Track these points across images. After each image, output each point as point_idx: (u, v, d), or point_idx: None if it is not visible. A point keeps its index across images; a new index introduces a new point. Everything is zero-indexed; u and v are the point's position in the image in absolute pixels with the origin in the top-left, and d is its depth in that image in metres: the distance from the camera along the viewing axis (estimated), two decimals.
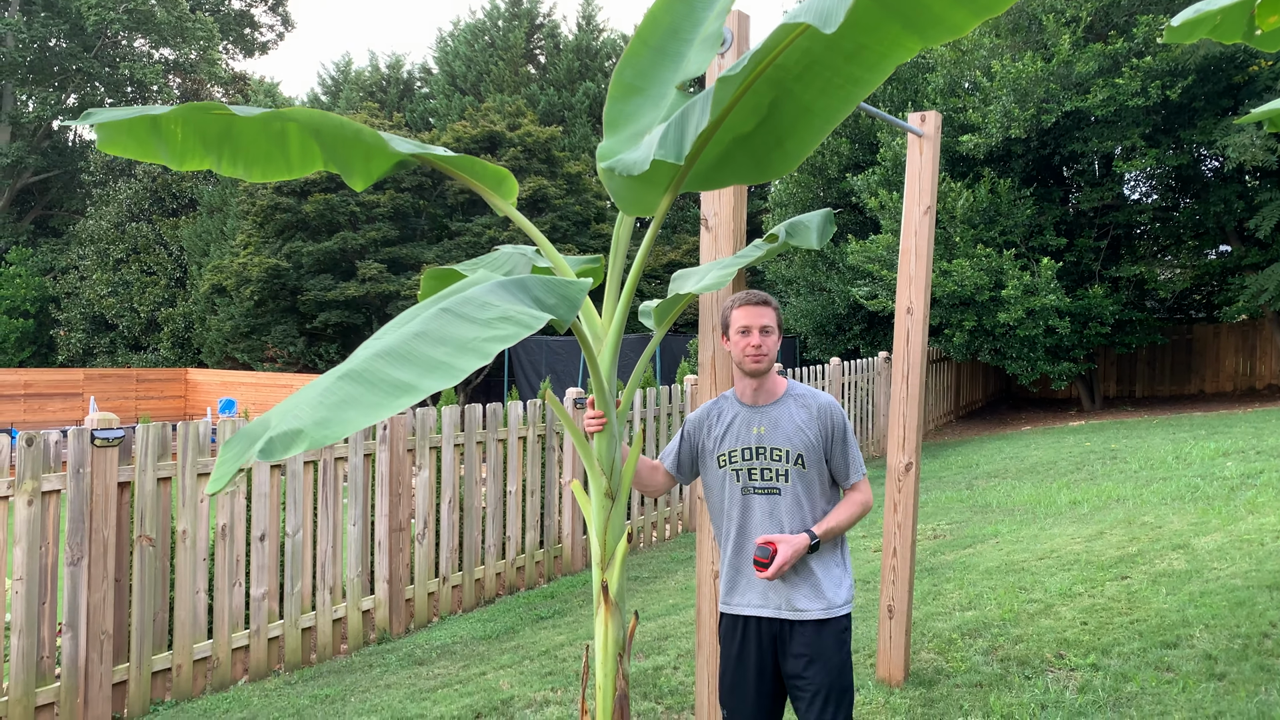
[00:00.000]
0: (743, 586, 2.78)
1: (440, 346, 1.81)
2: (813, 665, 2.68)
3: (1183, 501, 7.38)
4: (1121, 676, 4.11)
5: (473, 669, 5.04)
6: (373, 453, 5.96)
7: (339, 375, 1.75)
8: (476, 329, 1.87)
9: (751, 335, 2.72)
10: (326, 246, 20.31)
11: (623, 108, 2.69)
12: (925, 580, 5.90)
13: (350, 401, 1.66)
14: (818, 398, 2.79)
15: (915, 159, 4.37)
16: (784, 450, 2.72)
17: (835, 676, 2.68)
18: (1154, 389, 18.16)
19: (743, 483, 2.75)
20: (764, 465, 2.73)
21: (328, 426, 1.60)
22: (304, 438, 1.57)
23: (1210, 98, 13.32)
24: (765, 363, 2.73)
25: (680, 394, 8.89)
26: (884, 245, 13.79)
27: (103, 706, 4.57)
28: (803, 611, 2.70)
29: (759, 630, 2.75)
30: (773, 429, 2.74)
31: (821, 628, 2.70)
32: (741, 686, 2.77)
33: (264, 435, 1.59)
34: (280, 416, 1.65)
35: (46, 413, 21.94)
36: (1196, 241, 15.67)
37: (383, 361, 1.76)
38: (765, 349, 2.72)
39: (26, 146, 29.55)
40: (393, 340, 1.84)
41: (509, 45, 27.05)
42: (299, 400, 1.70)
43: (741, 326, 2.73)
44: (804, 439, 2.72)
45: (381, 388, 1.70)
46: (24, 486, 4.34)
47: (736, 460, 2.76)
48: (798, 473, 2.71)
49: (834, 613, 2.71)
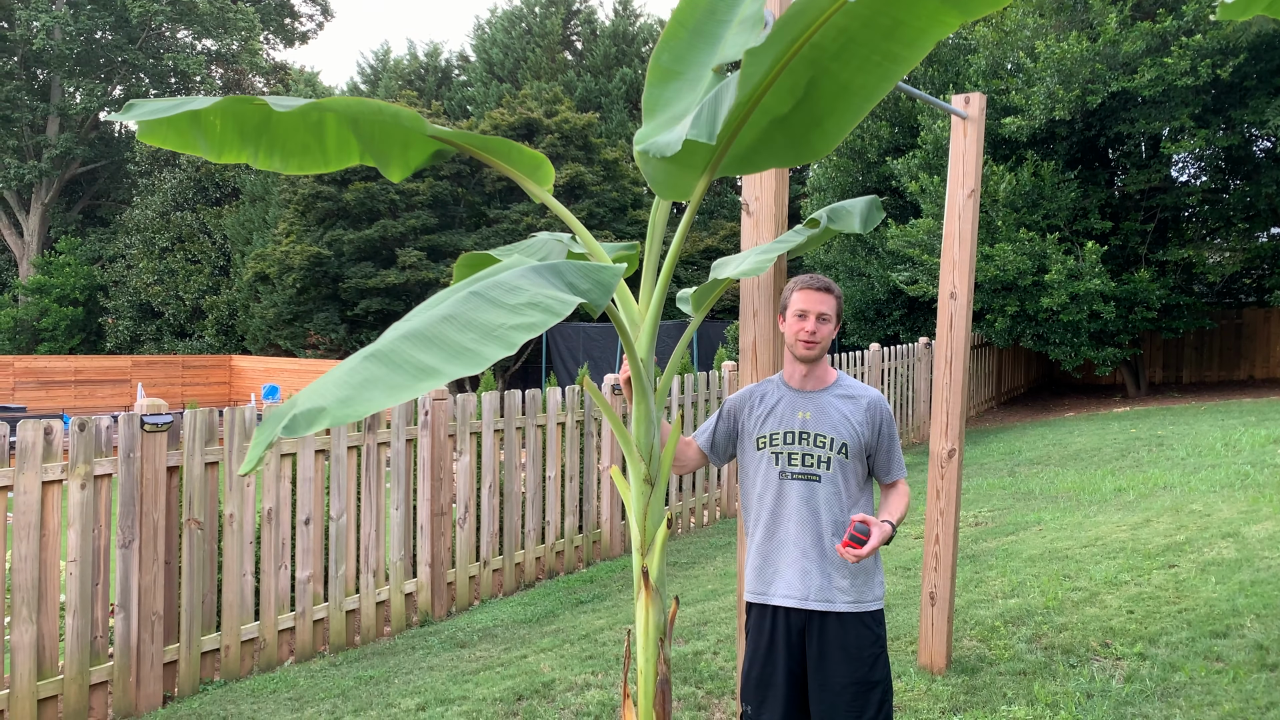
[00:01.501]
0: (770, 574, 2.72)
1: (466, 332, 1.80)
2: (842, 659, 2.62)
3: (1232, 489, 7.23)
4: (1169, 666, 4.05)
5: (514, 652, 5.09)
6: (414, 438, 6.02)
7: (364, 356, 1.75)
8: (504, 314, 1.86)
9: (807, 320, 2.68)
10: (367, 234, 20.50)
11: (660, 93, 2.67)
12: (967, 567, 5.85)
13: (374, 382, 1.67)
14: (867, 392, 2.75)
15: (959, 142, 4.31)
16: (829, 438, 2.67)
17: (865, 671, 2.62)
18: (1202, 375, 17.80)
19: (781, 467, 2.70)
20: (805, 451, 2.68)
21: (349, 405, 1.60)
22: (326, 415, 1.58)
23: (1263, 76, 12.97)
24: (817, 350, 2.68)
25: (718, 380, 8.87)
26: (924, 229, 13.62)
27: (154, 685, 4.68)
28: (832, 603, 2.64)
29: (788, 621, 2.69)
30: (819, 416, 2.70)
31: (853, 621, 2.64)
32: (771, 681, 2.70)
33: (289, 413, 1.61)
34: (306, 395, 1.66)
35: (96, 399, 22.43)
36: (1247, 224, 15.28)
37: (408, 343, 1.76)
38: (819, 336, 2.68)
39: (74, 138, 30.10)
40: (420, 323, 1.84)
41: (546, 32, 27.05)
42: (325, 380, 1.71)
43: (799, 310, 2.69)
44: (849, 429, 2.68)
45: (405, 369, 1.70)
46: (77, 470, 4.44)
47: (777, 443, 2.72)
48: (839, 462, 2.66)
49: (865, 606, 2.66)
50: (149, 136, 2.55)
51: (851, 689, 2.60)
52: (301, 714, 4.41)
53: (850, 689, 2.60)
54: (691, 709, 4.02)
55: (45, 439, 4.32)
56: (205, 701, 4.71)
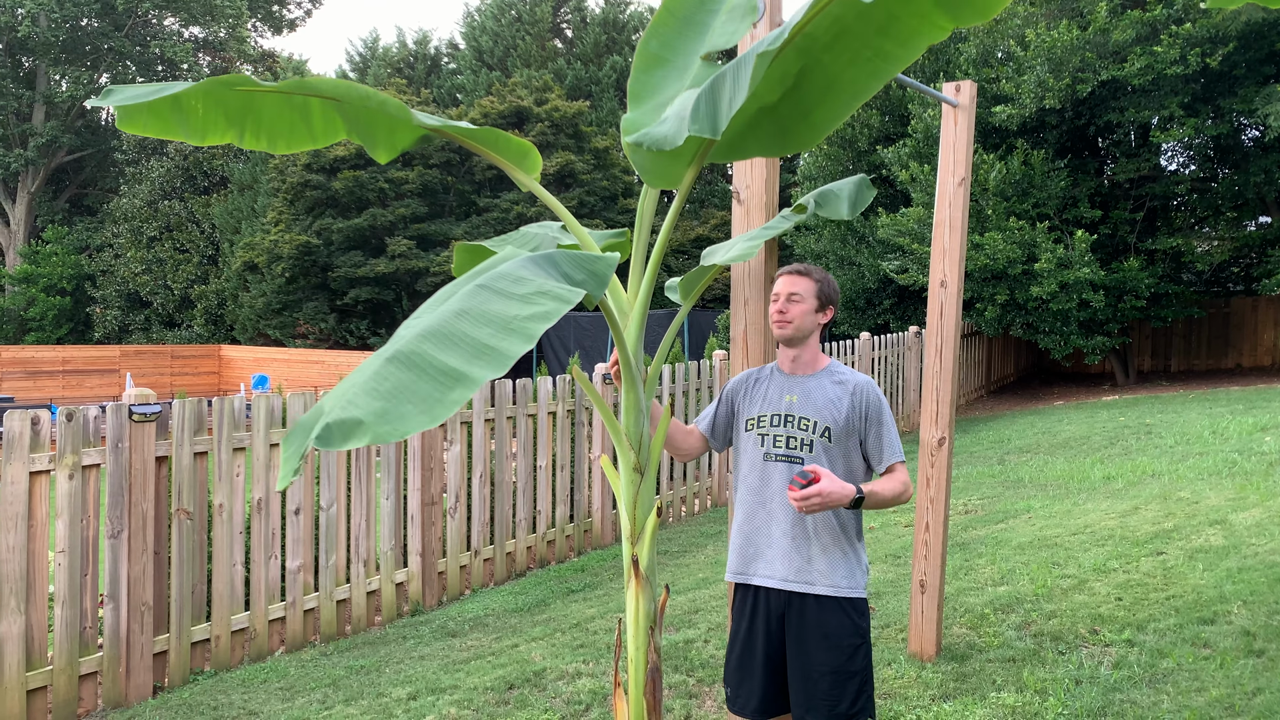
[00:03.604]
0: (751, 554, 2.73)
1: (483, 327, 1.78)
2: (821, 645, 2.61)
3: (1220, 477, 7.28)
4: (1157, 652, 4.08)
5: (505, 641, 5.09)
6: None
7: (387, 358, 1.72)
8: (516, 305, 1.85)
9: (778, 300, 2.74)
10: (356, 223, 20.42)
11: (647, 79, 2.66)
12: (957, 555, 5.87)
13: (404, 392, 1.63)
14: (854, 377, 2.76)
15: (950, 130, 4.31)
16: (812, 421, 2.69)
17: (844, 660, 2.60)
18: (1190, 363, 17.89)
19: (766, 448, 2.72)
20: (789, 433, 2.70)
21: (388, 422, 1.56)
22: (366, 431, 1.53)
23: (1252, 65, 13.00)
24: (789, 329, 2.71)
25: (709, 369, 8.87)
26: (915, 218, 13.63)
27: (144, 676, 4.67)
28: (812, 585, 2.64)
29: (768, 603, 2.69)
30: (805, 399, 2.72)
31: (832, 605, 2.63)
32: (749, 662, 2.71)
33: (320, 421, 1.56)
34: (337, 404, 1.61)
35: (84, 389, 22.32)
36: (1235, 213, 15.34)
37: (429, 344, 1.74)
38: (789, 316, 2.71)
39: (60, 126, 29.88)
40: (435, 319, 1.82)
41: (536, 20, 26.93)
42: (352, 385, 1.66)
43: (774, 293, 2.77)
44: (833, 414, 2.68)
45: (431, 374, 1.67)
46: (65, 461, 4.41)
47: (764, 425, 2.75)
48: (823, 445, 2.67)
49: (845, 593, 2.64)
50: (128, 123, 2.49)
51: (829, 677, 2.59)
52: (292, 704, 4.41)
53: (828, 677, 2.59)
54: (682, 697, 4.03)
55: (33, 429, 4.29)
56: (196, 692, 4.70)
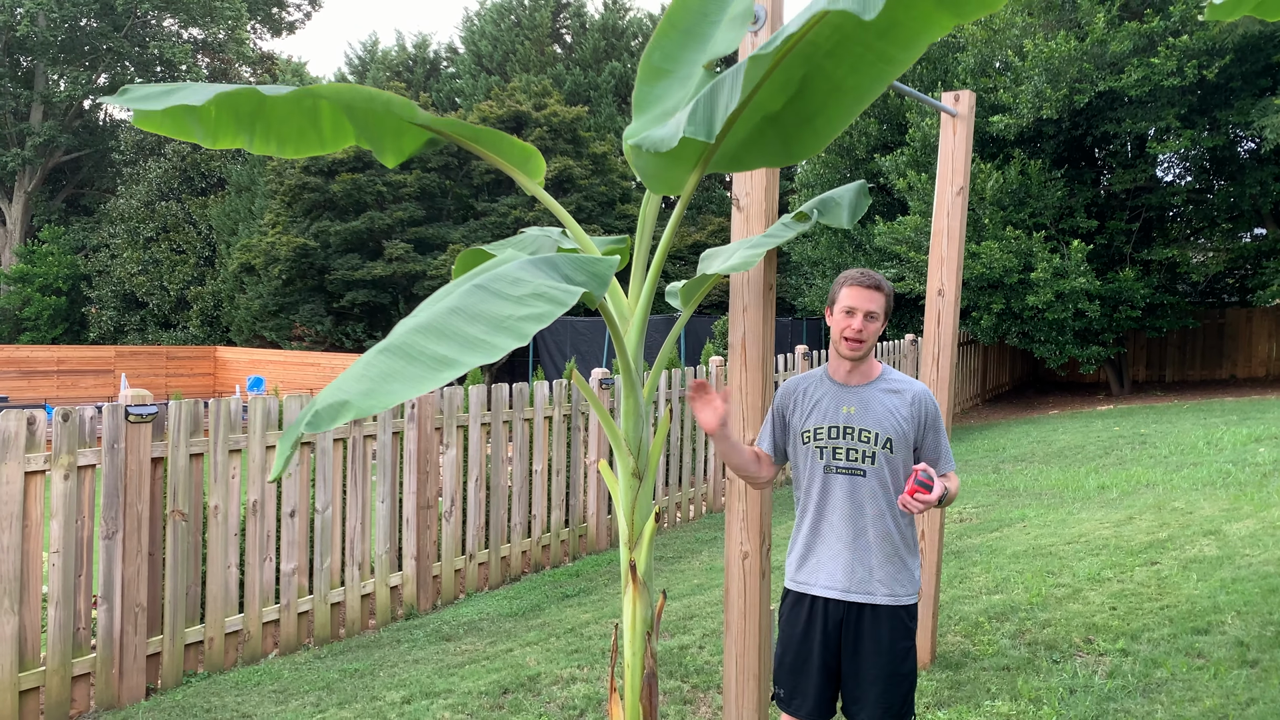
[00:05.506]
0: (813, 565, 2.73)
1: (476, 323, 1.82)
2: (875, 651, 2.65)
3: (1214, 487, 7.29)
4: (1151, 662, 4.09)
5: (499, 645, 5.09)
6: (401, 431, 6.01)
7: (379, 350, 1.77)
8: (510, 306, 1.88)
9: (854, 318, 2.64)
10: (354, 226, 20.40)
11: (650, 90, 2.68)
12: (952, 563, 5.88)
13: (392, 374, 1.68)
14: (912, 385, 2.73)
15: (948, 139, 4.32)
16: (873, 433, 2.66)
17: (897, 664, 2.66)
18: (1185, 373, 17.93)
19: (825, 461, 2.70)
20: (850, 445, 2.67)
21: (371, 396, 1.62)
22: (349, 408, 1.59)
23: (1248, 77, 13.06)
24: (862, 349, 2.65)
25: (705, 375, 8.87)
26: (912, 227, 13.66)
27: (137, 677, 4.66)
28: (872, 595, 2.66)
29: (826, 612, 2.71)
30: (863, 410, 2.68)
31: (888, 614, 2.66)
32: (805, 668, 2.73)
33: (310, 410, 1.62)
34: (327, 393, 1.67)
35: (79, 389, 22.26)
36: (1231, 224, 15.39)
37: (421, 336, 1.79)
38: (865, 335, 2.64)
39: (58, 126, 29.83)
40: (429, 316, 1.86)
41: (535, 25, 26.96)
42: (344, 377, 1.72)
43: (846, 307, 2.65)
44: (894, 423, 2.66)
45: (422, 361, 1.72)
46: (60, 461, 4.40)
47: (821, 438, 2.71)
48: (885, 456, 2.65)
49: (902, 600, 2.68)
50: (144, 122, 2.57)
51: (882, 681, 2.64)
52: (286, 706, 4.40)
53: (881, 681, 2.64)
54: (678, 703, 4.02)
55: (28, 429, 4.28)
56: (189, 694, 4.69)
